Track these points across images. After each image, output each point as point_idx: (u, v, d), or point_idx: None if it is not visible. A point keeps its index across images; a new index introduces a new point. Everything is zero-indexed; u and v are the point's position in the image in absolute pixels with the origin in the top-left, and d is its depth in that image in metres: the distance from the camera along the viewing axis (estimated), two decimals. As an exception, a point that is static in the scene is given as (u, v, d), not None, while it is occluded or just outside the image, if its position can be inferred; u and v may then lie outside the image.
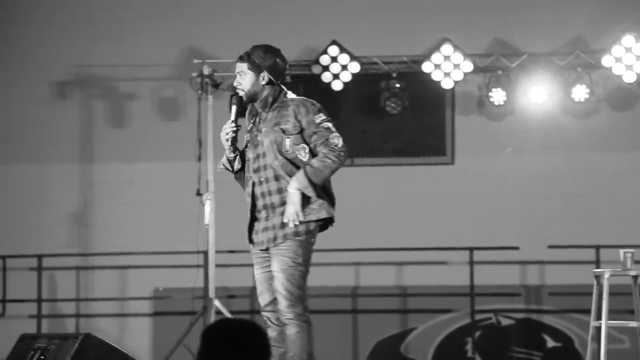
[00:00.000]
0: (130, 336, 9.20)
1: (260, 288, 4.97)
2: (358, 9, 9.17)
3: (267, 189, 4.86)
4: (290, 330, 4.85)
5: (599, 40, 8.69)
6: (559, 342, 8.78)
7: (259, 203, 4.88)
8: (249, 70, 4.94)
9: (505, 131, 9.08)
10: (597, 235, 8.73)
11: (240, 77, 4.94)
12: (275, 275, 4.84)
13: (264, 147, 4.87)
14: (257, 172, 4.88)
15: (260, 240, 4.91)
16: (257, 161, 4.89)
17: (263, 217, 4.89)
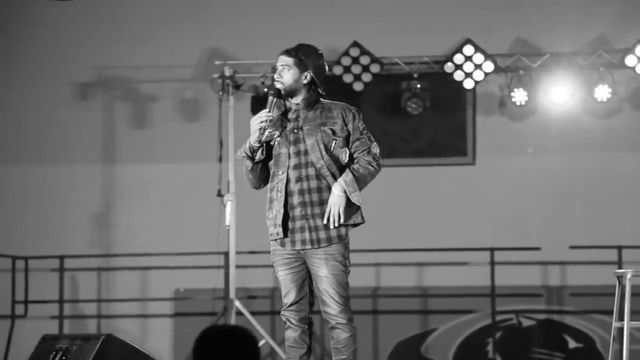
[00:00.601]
0: (151, 337, 9.23)
1: (288, 288, 4.90)
2: (379, 10, 9.17)
3: (307, 186, 4.83)
4: (342, 334, 4.83)
5: (621, 39, 8.64)
6: (581, 343, 8.74)
7: (295, 199, 4.83)
8: (294, 65, 4.94)
9: (526, 131, 9.05)
10: (619, 235, 8.68)
11: (282, 70, 4.93)
12: (323, 279, 4.80)
13: (306, 144, 4.85)
14: (296, 168, 4.84)
15: (298, 239, 4.85)
16: (298, 158, 4.86)
17: (298, 215, 4.84)
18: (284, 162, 4.86)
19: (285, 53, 4.97)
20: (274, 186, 4.87)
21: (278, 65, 4.95)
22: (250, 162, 4.91)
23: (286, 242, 4.89)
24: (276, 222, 4.86)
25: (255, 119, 4.85)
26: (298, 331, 4.88)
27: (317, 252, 4.82)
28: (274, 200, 4.87)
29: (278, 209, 4.85)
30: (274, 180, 4.88)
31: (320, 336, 8.99)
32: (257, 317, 8.35)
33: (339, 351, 4.85)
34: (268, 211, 4.93)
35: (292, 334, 4.89)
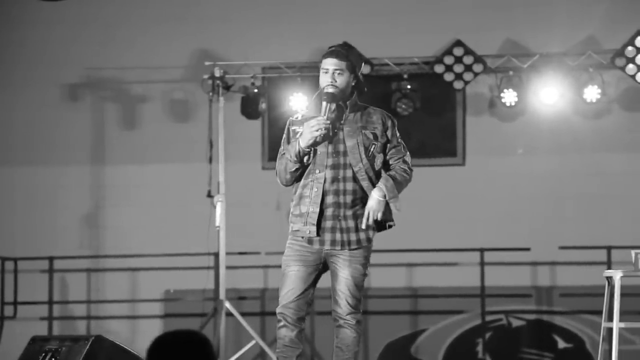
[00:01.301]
0: (141, 338, 9.22)
1: (294, 284, 4.87)
2: (369, 11, 9.17)
3: (342, 187, 4.83)
4: (349, 335, 4.84)
5: (610, 40, 8.66)
6: (570, 343, 8.76)
7: (329, 199, 4.82)
8: (347, 69, 4.88)
9: (516, 132, 9.07)
10: (609, 236, 8.70)
11: (337, 74, 4.86)
12: (342, 280, 4.83)
13: (346, 146, 4.84)
14: (334, 168, 4.83)
15: (328, 239, 4.84)
16: (336, 158, 4.84)
17: (330, 215, 4.83)
18: (321, 160, 4.84)
19: (336, 56, 4.88)
20: (307, 184, 4.85)
21: (329, 69, 4.86)
22: (296, 164, 4.85)
23: (314, 241, 4.86)
24: (308, 220, 4.84)
25: (313, 125, 4.77)
26: (295, 331, 4.86)
27: (343, 253, 4.84)
28: (305, 197, 4.85)
29: (312, 207, 4.83)
30: (308, 178, 4.85)
31: (310, 337, 8.99)
32: (247, 318, 8.34)
33: (342, 350, 4.86)
34: (295, 207, 4.90)
35: (288, 333, 4.85)
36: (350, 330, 4.85)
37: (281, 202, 9.22)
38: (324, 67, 4.89)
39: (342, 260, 4.84)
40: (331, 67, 4.86)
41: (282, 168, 4.88)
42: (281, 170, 4.90)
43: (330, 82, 4.84)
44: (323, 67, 4.89)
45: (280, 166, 4.90)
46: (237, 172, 8.88)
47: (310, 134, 4.76)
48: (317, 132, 4.75)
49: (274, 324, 9.62)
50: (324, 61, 4.89)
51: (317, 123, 4.76)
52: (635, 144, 8.95)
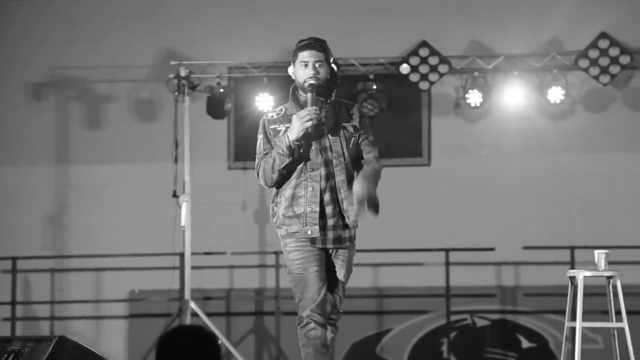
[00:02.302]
0: (105, 339, 9.17)
1: (317, 285, 4.76)
2: (335, 11, 9.18)
3: (334, 183, 4.79)
4: (329, 335, 4.84)
5: (574, 42, 8.73)
6: (534, 343, 8.81)
7: (327, 196, 4.77)
8: (325, 61, 4.86)
9: (481, 132, 9.11)
10: (572, 236, 8.77)
11: (318, 66, 4.81)
12: (340, 282, 4.84)
13: (330, 141, 4.81)
14: (327, 165, 4.79)
15: (330, 237, 4.80)
16: (327, 154, 4.81)
17: (331, 212, 4.78)
18: (314, 158, 4.79)
19: (315, 48, 4.84)
20: (300, 183, 4.79)
21: (309, 61, 4.81)
22: (288, 159, 4.75)
23: (317, 240, 4.79)
24: (307, 221, 4.76)
25: (304, 116, 4.70)
26: (324, 332, 4.78)
27: (341, 253, 4.84)
28: (299, 197, 4.77)
29: (311, 207, 4.76)
30: (301, 177, 4.78)
31: (276, 336, 8.99)
32: (212, 319, 8.33)
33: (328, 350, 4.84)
34: (287, 209, 4.80)
35: (320, 334, 4.76)
36: (331, 329, 4.85)
37: (247, 202, 9.21)
38: (302, 60, 4.82)
39: (341, 261, 4.84)
40: (311, 59, 4.81)
41: (269, 167, 4.80)
42: (267, 169, 4.81)
43: (312, 74, 4.79)
44: (302, 61, 4.82)
45: (267, 165, 4.81)
46: (202, 172, 8.86)
47: (302, 125, 4.69)
48: (308, 123, 4.70)
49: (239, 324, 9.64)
50: (302, 54, 4.83)
51: (307, 113, 4.70)
52: (598, 145, 9.03)
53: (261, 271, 9.19)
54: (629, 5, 8.85)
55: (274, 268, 9.05)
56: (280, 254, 8.96)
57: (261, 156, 4.88)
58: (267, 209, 9.14)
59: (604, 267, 6.38)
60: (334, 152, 4.79)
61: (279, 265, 8.98)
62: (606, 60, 8.48)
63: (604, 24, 8.66)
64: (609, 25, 8.65)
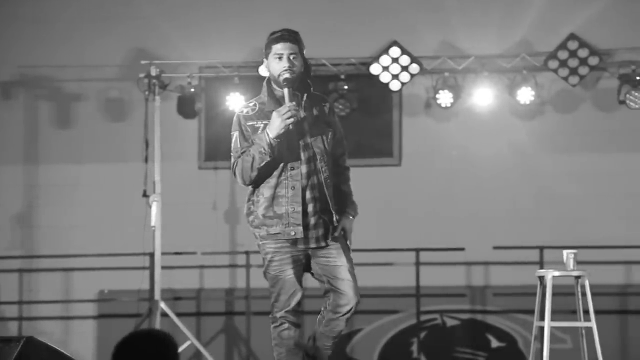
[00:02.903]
0: (74, 339, 9.12)
1: (294, 287, 4.74)
2: (306, 11, 9.18)
3: (316, 180, 4.70)
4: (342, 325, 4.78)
5: (543, 43, 8.78)
6: (503, 342, 8.85)
7: (308, 195, 4.68)
8: (300, 53, 4.74)
9: (451, 133, 9.14)
10: (541, 236, 8.82)
11: (293, 58, 4.68)
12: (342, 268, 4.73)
13: (310, 137, 4.71)
14: (308, 162, 4.69)
15: (313, 236, 4.71)
16: (308, 151, 4.71)
17: (312, 211, 4.69)
18: (295, 156, 4.68)
19: (289, 40, 4.72)
20: (281, 182, 4.68)
21: (284, 53, 4.68)
22: (267, 157, 4.62)
23: (299, 241, 4.71)
24: (290, 221, 4.67)
25: (284, 112, 4.57)
26: (297, 332, 4.78)
27: (331, 244, 4.75)
28: (280, 197, 4.67)
29: (293, 207, 4.67)
30: (281, 177, 4.67)
31: (246, 336, 8.98)
32: (182, 319, 8.31)
33: (326, 337, 4.80)
34: (267, 209, 4.70)
35: (294, 334, 4.76)
36: (345, 322, 4.77)
37: (218, 202, 9.19)
38: (276, 53, 4.69)
39: (335, 250, 4.74)
40: (286, 51, 4.69)
41: (248, 165, 4.65)
42: (246, 168, 4.66)
43: (287, 67, 4.66)
44: (275, 53, 4.69)
45: (245, 163, 4.66)
46: (173, 171, 8.83)
47: (283, 122, 4.56)
48: (289, 120, 4.57)
49: (210, 324, 9.62)
50: (275, 47, 4.70)
51: (288, 110, 4.57)
52: (567, 145, 9.08)
53: (232, 271, 9.18)
54: (598, 6, 8.91)
55: (244, 268, 9.04)
56: (251, 253, 8.95)
57: (238, 154, 4.72)
58: (237, 208, 9.20)
59: (573, 267, 6.42)
60: (317, 149, 4.70)
61: (250, 265, 8.97)
62: (575, 61, 8.53)
63: (573, 25, 8.72)
64: (578, 26, 8.71)
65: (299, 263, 4.75)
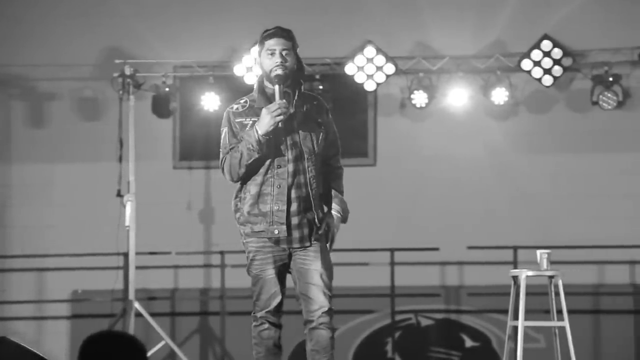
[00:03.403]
0: (47, 339, 9.07)
1: (275, 288, 4.69)
2: (280, 11, 9.17)
3: (303, 180, 4.66)
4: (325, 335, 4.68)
5: (517, 44, 8.82)
6: (477, 342, 8.88)
7: (293, 194, 4.63)
8: (293, 49, 4.67)
9: (426, 133, 9.16)
10: (515, 236, 8.86)
11: (285, 54, 4.62)
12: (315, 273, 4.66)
13: (300, 136, 4.67)
14: (295, 161, 4.64)
15: (296, 237, 4.67)
16: (296, 150, 4.66)
17: (296, 211, 4.64)
18: (282, 154, 4.64)
19: (282, 36, 4.65)
20: (267, 180, 4.64)
21: (276, 49, 4.62)
22: (256, 154, 4.58)
23: (281, 240, 4.67)
24: (274, 220, 4.63)
25: (274, 110, 4.53)
26: (278, 332, 4.74)
27: (311, 247, 4.69)
28: (265, 195, 4.64)
29: (278, 205, 4.63)
30: (267, 174, 4.64)
31: (221, 336, 8.96)
32: (156, 319, 8.28)
33: (319, 353, 4.69)
34: (252, 206, 4.67)
35: (273, 335, 4.73)
36: (326, 330, 4.67)
37: (192, 202, 9.17)
38: (269, 49, 4.64)
39: (313, 253, 4.68)
40: (278, 47, 4.63)
41: (236, 162, 4.62)
42: (234, 164, 4.63)
43: (279, 63, 4.61)
44: (268, 49, 4.64)
45: (234, 160, 4.63)
46: (147, 171, 8.80)
47: (273, 120, 4.52)
48: (279, 117, 4.53)
49: (184, 324, 9.59)
50: (268, 43, 4.65)
51: (278, 107, 4.53)
52: (541, 146, 9.12)
53: (206, 271, 9.16)
54: (572, 8, 8.96)
55: (219, 268, 9.02)
56: (225, 253, 8.94)
57: (227, 150, 4.68)
58: (212, 208, 9.18)
59: (546, 267, 6.46)
60: (305, 148, 4.66)
61: (224, 265, 8.95)
62: (549, 62, 8.57)
63: (547, 26, 8.77)
64: (552, 27, 8.75)
65: (282, 263, 4.72)
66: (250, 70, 8.69)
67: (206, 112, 8.81)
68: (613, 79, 8.66)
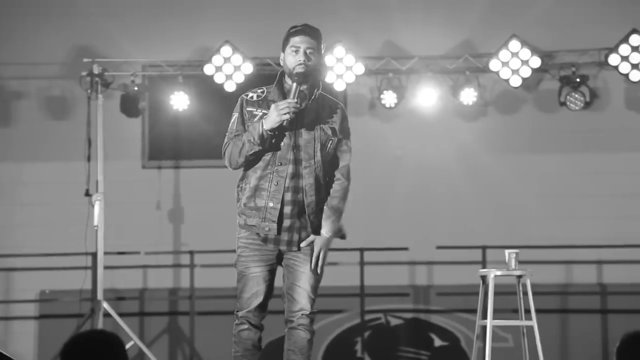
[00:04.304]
0: (14, 339, 9.00)
1: (258, 286, 4.66)
2: (251, 10, 9.17)
3: (301, 184, 4.61)
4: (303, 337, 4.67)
5: (486, 44, 8.86)
6: (446, 341, 8.92)
7: (288, 196, 4.59)
8: (318, 50, 4.62)
9: (396, 133, 9.19)
10: (484, 236, 8.90)
11: (310, 53, 4.57)
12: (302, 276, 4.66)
13: (304, 139, 4.60)
14: (295, 163, 4.59)
15: (285, 239, 4.63)
16: (297, 152, 4.60)
17: (289, 213, 4.60)
18: (284, 153, 4.58)
19: (308, 34, 4.59)
20: (266, 175, 4.59)
21: (300, 47, 4.57)
22: (256, 147, 4.54)
23: (269, 240, 4.64)
24: (266, 216, 4.59)
25: (282, 107, 4.47)
26: (258, 334, 4.71)
27: (302, 249, 4.67)
28: (262, 189, 4.60)
29: (272, 203, 4.59)
30: (267, 169, 4.59)
31: (190, 336, 8.93)
32: (125, 319, 8.25)
33: (294, 353, 4.68)
34: (249, 199, 4.62)
35: (252, 336, 4.69)
36: (304, 332, 4.67)
37: (161, 202, 9.14)
38: (293, 46, 4.59)
39: (304, 255, 4.66)
40: (303, 45, 4.58)
41: (237, 151, 4.57)
42: (234, 152, 4.58)
43: (302, 61, 4.56)
44: (293, 46, 4.59)
45: (235, 148, 4.58)
46: (116, 170, 8.76)
47: (279, 117, 4.47)
48: (285, 116, 4.48)
49: (153, 324, 9.54)
50: (293, 39, 4.60)
51: (287, 106, 4.48)
52: (509, 146, 9.17)
53: (175, 271, 9.13)
54: (539, 9, 9.02)
55: (188, 268, 9.00)
56: (195, 253, 8.92)
57: (232, 136, 4.64)
58: (181, 208, 9.15)
59: (514, 267, 6.49)
60: (304, 153, 4.61)
61: (194, 264, 8.93)
62: (517, 62, 8.62)
63: (515, 27, 8.81)
64: (520, 28, 8.80)
65: (269, 263, 4.68)
66: (221, 70, 8.67)
67: (175, 111, 8.78)
68: (580, 79, 8.73)
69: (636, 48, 8.50)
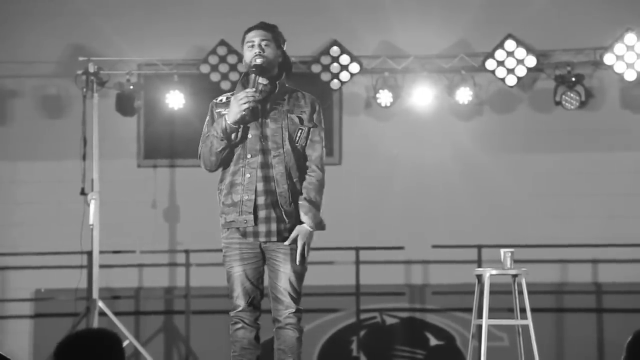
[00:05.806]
0: (9, 338, 9.00)
1: (244, 285, 4.68)
2: (246, 10, 9.16)
3: (271, 174, 4.64)
4: (292, 335, 4.69)
5: (481, 44, 8.87)
6: (442, 341, 8.92)
7: (260, 186, 4.62)
8: (273, 41, 4.75)
9: (391, 132, 9.19)
10: (479, 235, 8.91)
11: (264, 45, 4.70)
12: (283, 275, 4.67)
13: (270, 128, 4.66)
14: (264, 153, 4.64)
15: (263, 230, 4.65)
16: (265, 142, 4.66)
17: (263, 204, 4.62)
18: (253, 144, 4.64)
19: (262, 28, 4.75)
20: (238, 170, 4.65)
21: (255, 41, 4.70)
22: (222, 142, 4.62)
23: (248, 233, 4.66)
24: (243, 209, 4.63)
25: (241, 98, 4.57)
26: (254, 332, 4.71)
27: (282, 246, 4.67)
28: (236, 184, 4.64)
29: (247, 195, 4.62)
30: (239, 164, 4.65)
31: (185, 335, 8.93)
32: (120, 318, 8.24)
33: (284, 352, 4.70)
34: (226, 196, 4.67)
35: (247, 335, 4.70)
36: (292, 331, 4.69)
37: (157, 200, 9.14)
38: (248, 42, 4.72)
39: (283, 255, 4.68)
40: (257, 38, 4.71)
41: (207, 150, 4.67)
42: (205, 152, 4.68)
43: (257, 52, 4.67)
44: (248, 42, 4.72)
45: (205, 148, 4.68)
46: (111, 169, 8.77)
47: (239, 107, 4.56)
48: (245, 105, 4.56)
49: (149, 323, 9.56)
50: (247, 36, 4.74)
51: (245, 96, 4.57)
52: (504, 145, 9.18)
53: (171, 270, 9.13)
54: (535, 8, 9.02)
55: (183, 267, 8.99)
56: (190, 252, 8.92)
57: (203, 139, 4.75)
58: (177, 206, 9.16)
59: (510, 266, 6.50)
60: (272, 143, 4.65)
61: (189, 263, 8.93)
62: (513, 62, 8.63)
63: (511, 26, 8.82)
64: (516, 27, 8.81)
65: (252, 261, 4.70)
66: (216, 69, 8.67)
67: (171, 110, 8.78)
68: (576, 79, 8.74)
69: (631, 47, 8.52)
